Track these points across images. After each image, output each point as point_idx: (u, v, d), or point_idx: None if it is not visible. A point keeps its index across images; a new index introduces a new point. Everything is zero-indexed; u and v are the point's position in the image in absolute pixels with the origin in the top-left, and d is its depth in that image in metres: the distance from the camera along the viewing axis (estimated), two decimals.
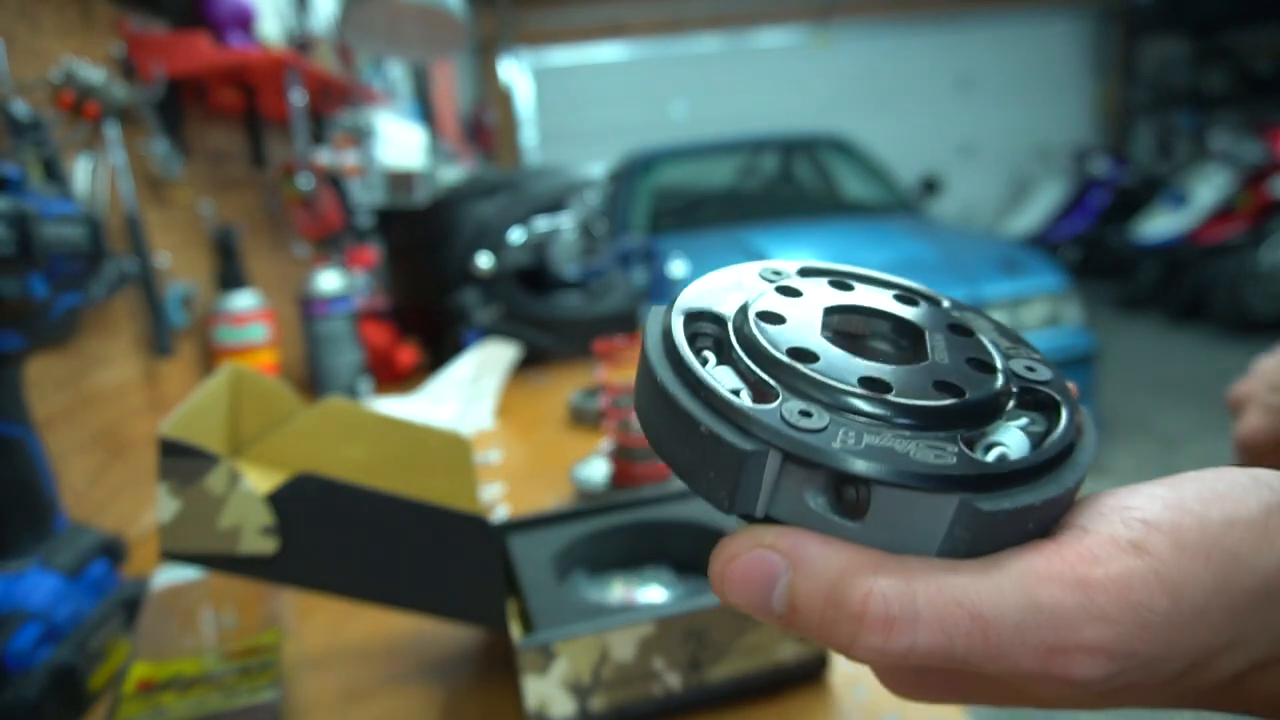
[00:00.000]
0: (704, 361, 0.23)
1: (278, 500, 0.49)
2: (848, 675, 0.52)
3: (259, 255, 1.33)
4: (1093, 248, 5.73)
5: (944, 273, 2.83)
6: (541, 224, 1.39)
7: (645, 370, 0.22)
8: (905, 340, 0.25)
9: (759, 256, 3.05)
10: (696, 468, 0.21)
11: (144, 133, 0.98)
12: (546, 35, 6.45)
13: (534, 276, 1.43)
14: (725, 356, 0.23)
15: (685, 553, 0.61)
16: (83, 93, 0.83)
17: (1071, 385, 0.26)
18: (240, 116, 1.29)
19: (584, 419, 1.09)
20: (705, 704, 0.50)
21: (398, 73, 2.60)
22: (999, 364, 0.23)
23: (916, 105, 6.67)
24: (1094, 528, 0.20)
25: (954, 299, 0.27)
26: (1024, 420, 0.22)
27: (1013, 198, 6.50)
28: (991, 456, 0.21)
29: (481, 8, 5.72)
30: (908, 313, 0.25)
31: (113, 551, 0.64)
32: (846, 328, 0.25)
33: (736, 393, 0.21)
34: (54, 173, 0.74)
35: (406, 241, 1.45)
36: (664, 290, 2.47)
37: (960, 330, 0.25)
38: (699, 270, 2.71)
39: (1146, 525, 0.20)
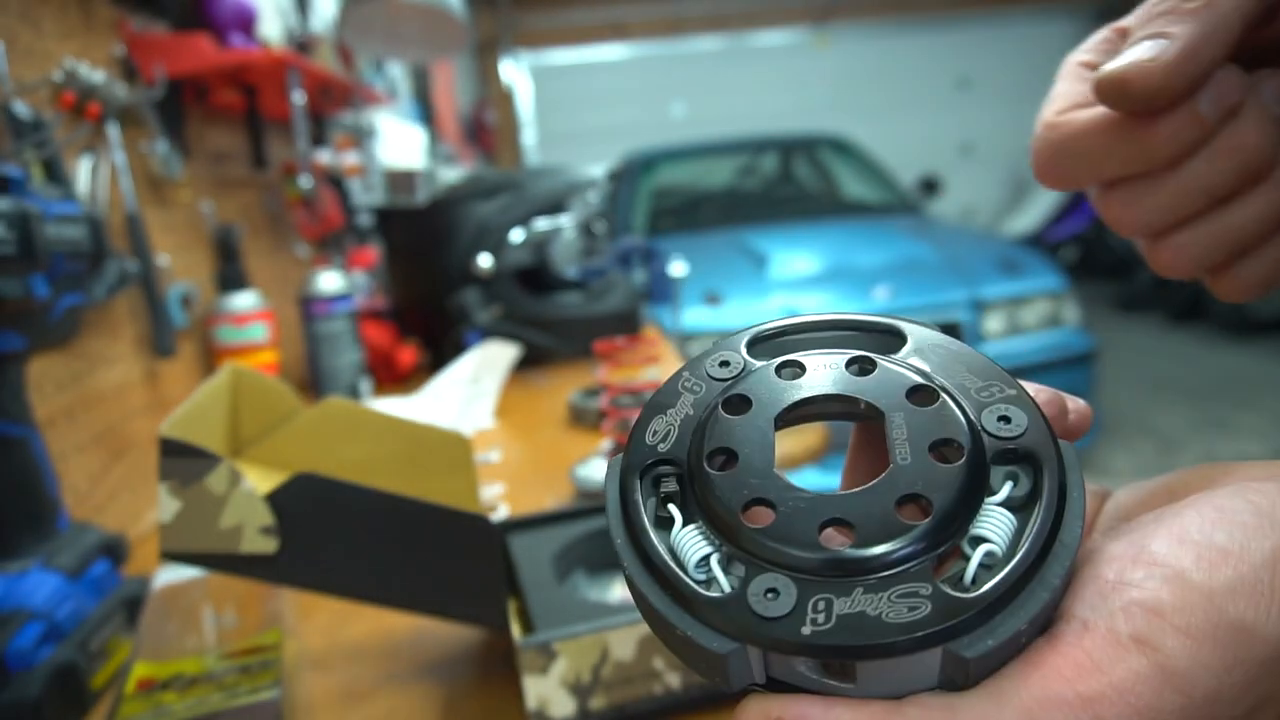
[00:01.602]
0: (670, 520, 0.22)
1: (278, 500, 0.49)
2: None
3: (259, 255, 1.33)
4: (1092, 248, 5.73)
5: (944, 273, 2.84)
6: (541, 224, 1.39)
7: (616, 552, 0.22)
8: (865, 414, 0.24)
9: (759, 257, 3.06)
10: (685, 656, 0.21)
11: (145, 133, 0.98)
12: (546, 36, 6.45)
13: (534, 276, 1.43)
14: (690, 511, 0.22)
15: None
16: (84, 93, 0.83)
17: (1058, 400, 0.25)
18: (241, 117, 1.29)
19: (584, 419, 1.09)
20: (705, 704, 0.50)
21: (398, 73, 2.60)
22: (967, 437, 0.22)
23: (916, 105, 6.67)
24: (1094, 620, 0.20)
25: (914, 323, 0.25)
26: (1008, 487, 0.21)
27: (1012, 198, 6.50)
28: (975, 559, 0.20)
29: (481, 8, 5.72)
30: (863, 390, 0.24)
31: (114, 551, 0.64)
32: (805, 416, 0.25)
33: (707, 559, 0.21)
34: (55, 173, 0.75)
35: (406, 241, 1.45)
36: (664, 290, 2.47)
37: (922, 397, 0.23)
38: (699, 270, 2.69)
39: (1147, 614, 0.19)
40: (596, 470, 0.85)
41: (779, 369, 0.24)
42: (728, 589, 0.20)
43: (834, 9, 6.46)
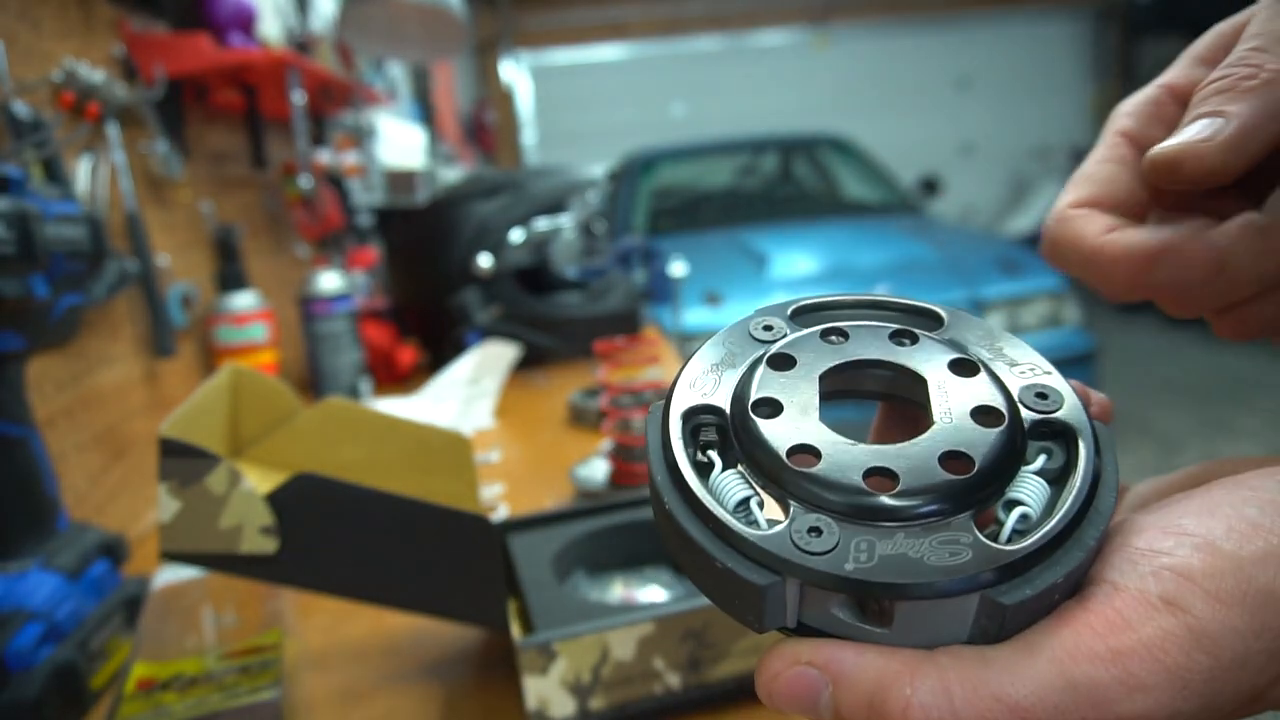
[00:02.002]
0: (710, 465, 0.23)
1: (278, 500, 0.49)
2: None
3: (259, 255, 1.33)
4: None
5: (944, 273, 2.84)
6: (541, 224, 1.39)
7: (654, 491, 0.22)
8: (907, 382, 0.25)
9: (759, 257, 3.05)
10: (719, 593, 0.21)
11: (145, 133, 0.98)
12: (546, 36, 6.45)
13: (534, 276, 1.43)
14: (730, 457, 0.23)
15: None
16: (84, 93, 0.83)
17: (1084, 391, 0.25)
18: (241, 117, 1.29)
19: (584, 419, 1.09)
20: (705, 704, 0.50)
21: (398, 73, 2.60)
22: (1004, 407, 0.23)
23: (916, 105, 6.67)
24: (1124, 583, 0.20)
25: (953, 310, 0.26)
26: (1041, 459, 0.22)
27: (1012, 198, 6.50)
28: (1010, 521, 0.20)
29: (481, 8, 5.73)
30: (907, 358, 0.24)
31: (114, 551, 0.64)
32: (846, 385, 0.25)
33: (746, 501, 0.21)
34: (55, 173, 0.75)
35: (406, 241, 1.45)
36: (664, 290, 2.48)
37: (963, 368, 0.24)
38: (699, 270, 2.70)
39: (1177, 578, 0.20)
40: (597, 470, 0.85)
41: (824, 334, 0.25)
42: (767, 528, 0.21)
43: (834, 9, 6.46)
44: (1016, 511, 0.21)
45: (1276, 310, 0.28)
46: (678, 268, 2.45)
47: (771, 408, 0.23)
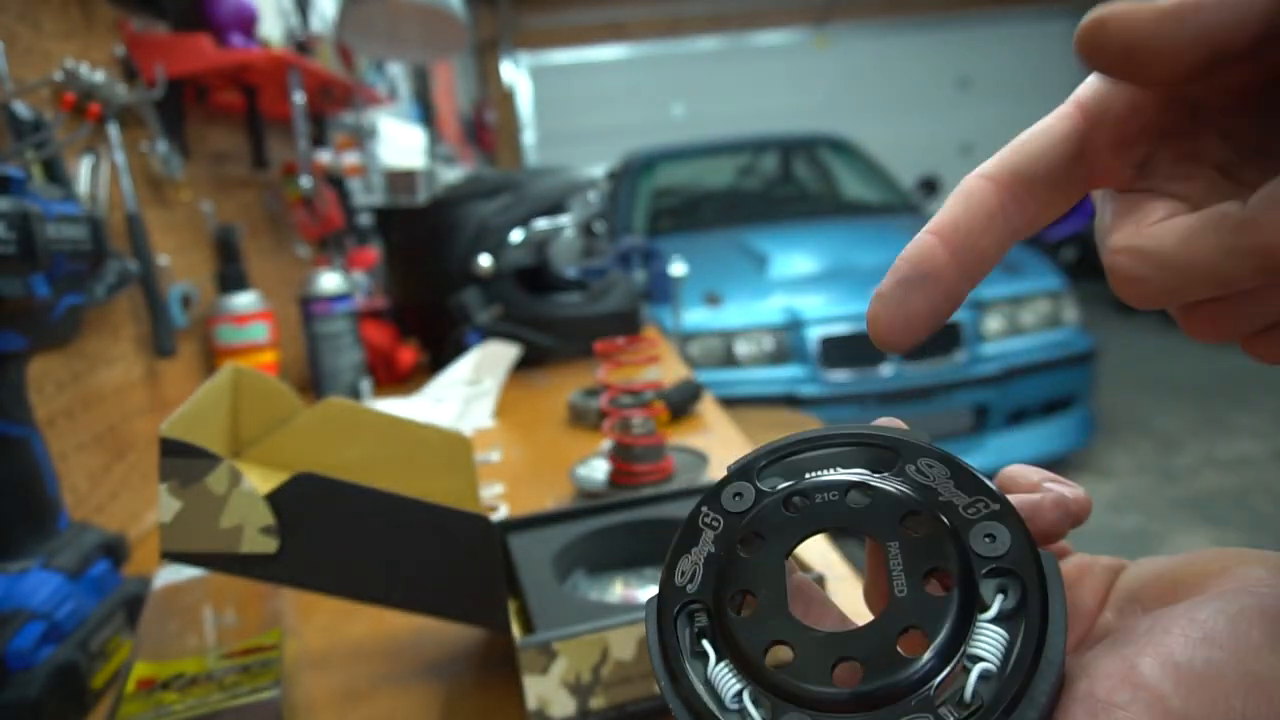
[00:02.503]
0: (705, 657, 0.25)
1: (278, 500, 0.49)
2: None
3: (260, 255, 1.33)
4: (1090, 248, 5.73)
5: None
6: (541, 224, 1.39)
7: (660, 689, 0.25)
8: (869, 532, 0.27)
9: (759, 257, 3.06)
10: None
11: (145, 133, 0.98)
12: (546, 36, 6.45)
13: (534, 276, 1.43)
14: (719, 647, 0.25)
15: None
16: (84, 93, 0.83)
17: (1054, 499, 0.26)
18: (241, 117, 1.29)
19: (584, 419, 1.09)
20: None
21: (398, 73, 2.60)
22: (955, 565, 0.24)
23: (916, 106, 6.67)
24: None
25: (904, 440, 0.27)
26: (999, 601, 0.23)
27: None
28: (972, 681, 0.22)
29: (481, 8, 5.73)
30: (862, 521, 0.26)
31: (114, 551, 0.64)
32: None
33: (740, 693, 0.24)
34: (56, 173, 0.75)
35: (407, 241, 1.45)
36: (664, 290, 2.48)
37: (914, 522, 0.25)
38: (699, 270, 2.69)
39: None
40: (597, 470, 0.85)
41: (786, 502, 0.27)
42: None
43: (834, 9, 6.46)
44: (977, 669, 0.22)
45: (1247, 314, 0.23)
46: (678, 268, 2.45)
47: (744, 601, 0.25)
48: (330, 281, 1.24)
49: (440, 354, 1.39)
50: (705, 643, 0.25)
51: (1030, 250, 3.19)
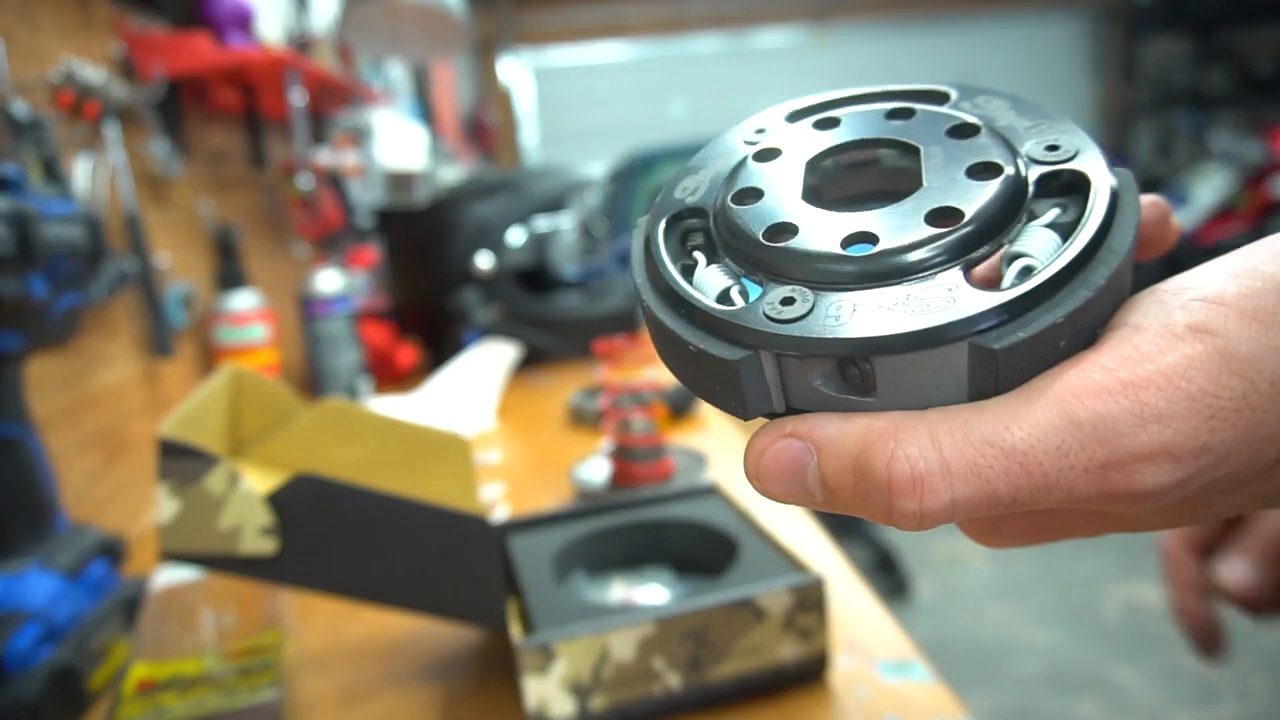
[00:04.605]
0: (694, 264, 0.22)
1: (277, 500, 0.49)
2: (848, 675, 0.52)
3: (259, 255, 1.33)
4: None
5: None
6: (541, 224, 1.39)
7: (638, 296, 0.22)
8: (906, 161, 0.23)
9: None
10: (702, 383, 0.20)
11: (144, 133, 0.98)
12: (546, 35, 6.45)
13: (534, 276, 1.43)
14: (716, 255, 0.22)
15: (685, 553, 0.61)
16: (82, 93, 0.83)
17: (1152, 200, 0.23)
18: (240, 116, 1.29)
19: (584, 419, 1.09)
20: (705, 704, 0.49)
21: (398, 73, 2.60)
22: (1005, 160, 0.20)
23: None
24: (1147, 323, 0.17)
25: (963, 85, 0.24)
26: (1053, 212, 0.20)
27: None
28: (1011, 274, 0.19)
29: (481, 8, 5.73)
30: (900, 132, 0.22)
31: (113, 551, 0.64)
32: (835, 174, 0.24)
33: (727, 291, 0.20)
34: (54, 173, 0.74)
35: (406, 241, 1.45)
36: None
37: (962, 131, 0.22)
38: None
39: (1208, 304, 0.17)
40: (597, 471, 0.85)
41: (816, 125, 0.24)
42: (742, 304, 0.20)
43: (834, 9, 6.46)
44: (1018, 264, 0.19)
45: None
46: None
47: (754, 196, 0.22)
48: (329, 281, 1.24)
49: (440, 354, 1.39)
50: (697, 253, 0.22)
51: None
